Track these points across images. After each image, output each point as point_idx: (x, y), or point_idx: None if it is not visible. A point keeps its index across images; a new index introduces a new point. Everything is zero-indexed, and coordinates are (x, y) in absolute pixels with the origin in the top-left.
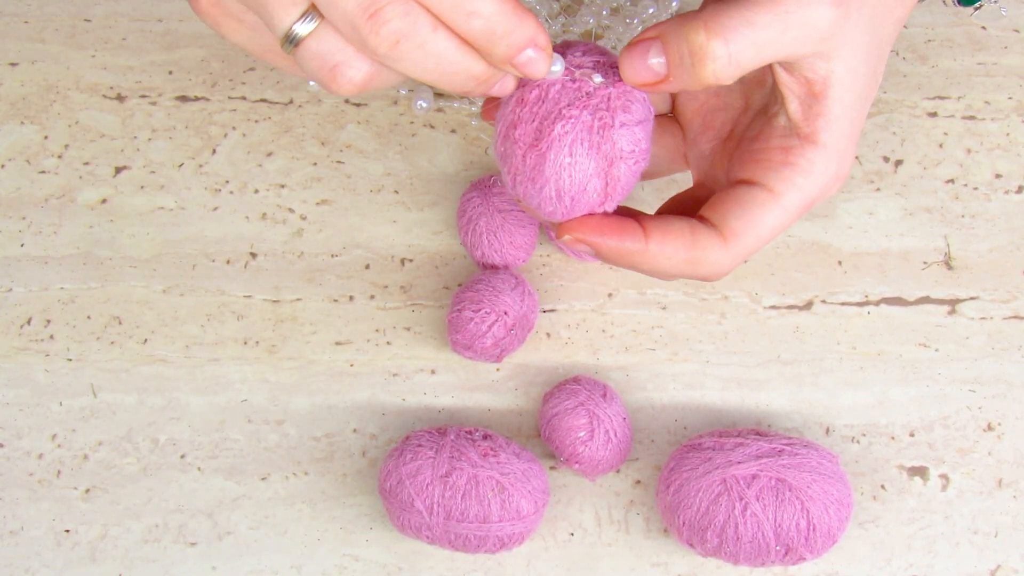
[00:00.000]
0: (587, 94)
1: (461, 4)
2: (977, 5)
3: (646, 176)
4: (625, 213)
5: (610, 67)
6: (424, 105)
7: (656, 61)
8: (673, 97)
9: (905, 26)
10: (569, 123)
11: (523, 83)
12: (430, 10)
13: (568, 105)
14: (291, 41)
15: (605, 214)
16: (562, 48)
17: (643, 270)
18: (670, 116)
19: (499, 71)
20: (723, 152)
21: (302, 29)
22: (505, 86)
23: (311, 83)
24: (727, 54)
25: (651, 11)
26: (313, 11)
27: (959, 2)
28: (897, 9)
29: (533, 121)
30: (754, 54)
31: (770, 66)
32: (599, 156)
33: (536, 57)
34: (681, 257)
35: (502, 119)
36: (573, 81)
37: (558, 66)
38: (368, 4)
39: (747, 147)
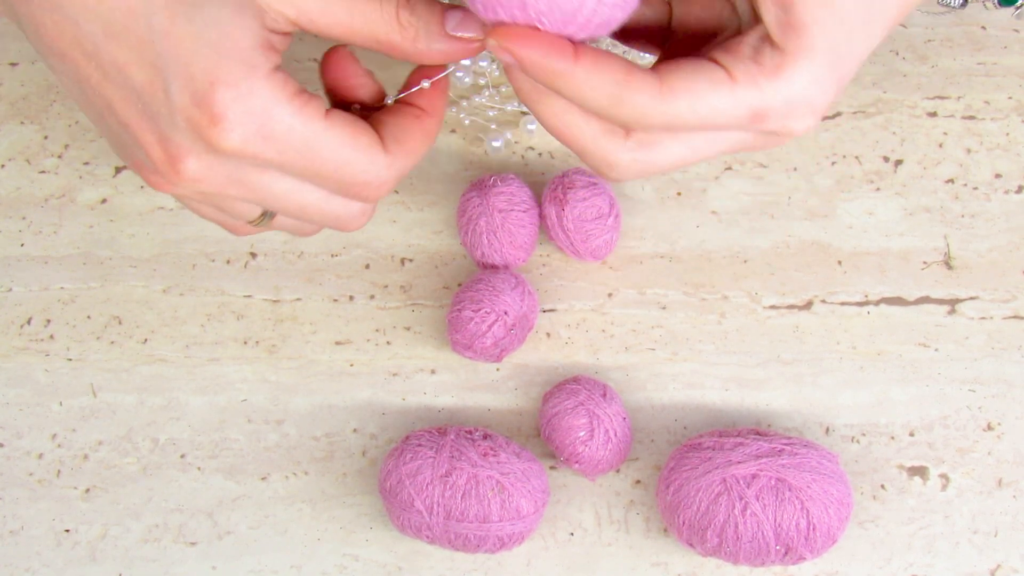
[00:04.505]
0: None
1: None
2: (1018, 4)
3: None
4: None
5: None
6: (497, 145)
7: None
8: None
9: (904, 26)
10: None
11: None
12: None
13: None
14: (265, 218)
15: (538, 30)
16: None
17: (567, 97)
18: None
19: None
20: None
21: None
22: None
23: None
24: None
25: None
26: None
27: (1000, 3)
28: None
29: None
30: None
31: None
32: None
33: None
34: (607, 91)
35: None
36: None
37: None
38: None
39: (721, 41)
